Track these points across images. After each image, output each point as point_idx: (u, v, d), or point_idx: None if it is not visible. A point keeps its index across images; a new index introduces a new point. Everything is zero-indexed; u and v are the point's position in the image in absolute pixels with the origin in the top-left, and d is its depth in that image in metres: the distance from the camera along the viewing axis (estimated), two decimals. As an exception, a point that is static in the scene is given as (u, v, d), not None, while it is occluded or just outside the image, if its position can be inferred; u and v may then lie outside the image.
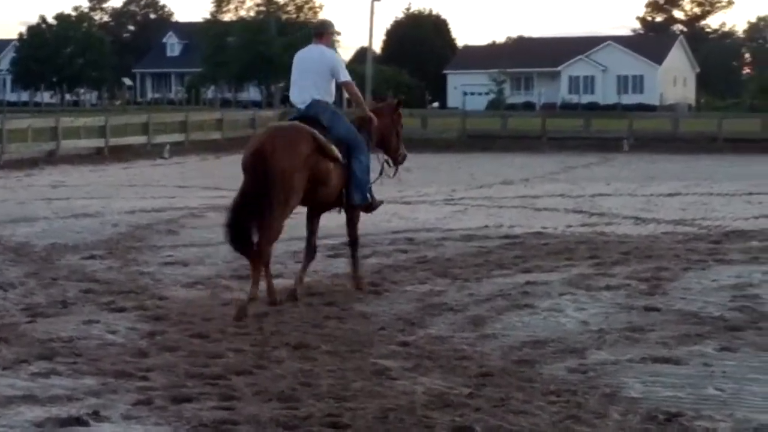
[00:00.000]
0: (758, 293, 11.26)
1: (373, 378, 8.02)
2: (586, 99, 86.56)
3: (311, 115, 11.18)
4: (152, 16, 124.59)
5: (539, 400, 7.45)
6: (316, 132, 10.91)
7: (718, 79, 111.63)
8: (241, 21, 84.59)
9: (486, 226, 16.86)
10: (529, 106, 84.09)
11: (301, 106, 11.40)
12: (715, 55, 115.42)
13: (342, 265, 13.00)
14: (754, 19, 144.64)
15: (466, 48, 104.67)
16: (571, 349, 8.91)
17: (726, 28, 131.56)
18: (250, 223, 10.66)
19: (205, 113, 49.58)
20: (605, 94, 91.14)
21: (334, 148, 11.03)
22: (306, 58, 11.52)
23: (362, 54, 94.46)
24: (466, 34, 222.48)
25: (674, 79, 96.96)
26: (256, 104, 74.32)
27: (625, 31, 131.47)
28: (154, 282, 12.20)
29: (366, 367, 8.35)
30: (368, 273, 12.31)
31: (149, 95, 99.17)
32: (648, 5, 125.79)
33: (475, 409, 7.21)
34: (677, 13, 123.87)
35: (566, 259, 13.57)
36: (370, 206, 11.83)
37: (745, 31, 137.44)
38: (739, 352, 8.79)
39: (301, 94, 11.43)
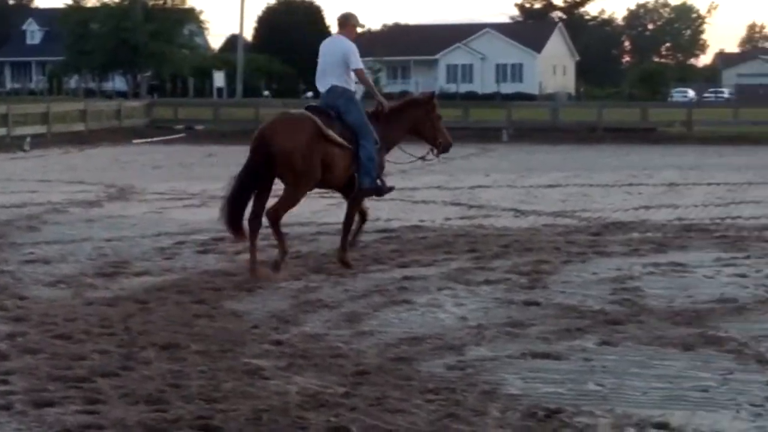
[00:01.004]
0: (639, 286, 11.20)
1: (245, 378, 7.77)
2: (464, 88, 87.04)
3: (328, 101, 12.24)
4: (11, 1, 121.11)
5: (417, 398, 7.28)
6: (318, 120, 11.84)
7: (597, 68, 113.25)
8: (105, 7, 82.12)
9: (362, 220, 16.61)
10: (405, 95, 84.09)
11: (322, 90, 12.41)
12: (595, 44, 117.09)
13: (212, 261, 12.77)
14: (633, 6, 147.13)
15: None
16: (449, 346, 8.72)
17: (605, 16, 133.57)
18: (245, 199, 11.80)
19: (67, 104, 48.31)
20: (484, 82, 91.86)
21: (333, 134, 11.87)
22: (326, 48, 12.55)
23: (233, 42, 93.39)
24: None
25: (554, 68, 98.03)
26: (122, 94, 72.85)
27: (504, 18, 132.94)
28: (15, 281, 11.70)
29: (238, 367, 8.09)
30: (241, 269, 12.01)
31: (8, 85, 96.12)
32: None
33: (350, 409, 7.02)
34: (556, 0, 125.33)
35: (444, 253, 13.40)
36: (380, 190, 12.53)
37: (624, 19, 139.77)
38: (620, 346, 8.68)
39: (321, 80, 12.45)
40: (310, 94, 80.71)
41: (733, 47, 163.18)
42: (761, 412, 7.01)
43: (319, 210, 17.50)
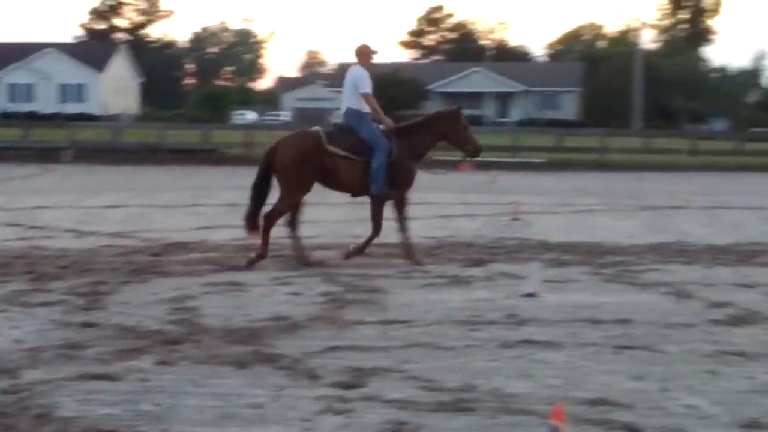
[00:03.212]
0: (196, 305, 11.34)
1: None
2: (26, 107, 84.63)
3: (345, 121, 14.63)
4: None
5: (-34, 426, 7.02)
6: (323, 136, 14.34)
7: (161, 90, 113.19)
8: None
9: None
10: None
11: (341, 113, 14.78)
12: (159, 66, 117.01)
13: None
14: (197, 30, 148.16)
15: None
16: (3, 369, 8.50)
17: (169, 38, 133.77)
18: (258, 202, 14.41)
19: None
20: (47, 102, 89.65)
21: (335, 148, 14.28)
22: (346, 77, 14.82)
23: None
24: None
25: (117, 89, 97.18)
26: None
27: (67, 38, 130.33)
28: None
29: None
30: None
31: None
32: (91, 12, 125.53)
33: None
34: (120, 22, 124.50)
35: (1, 275, 13.01)
36: (388, 197, 14.63)
37: (188, 42, 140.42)
38: (176, 366, 8.76)
39: (342, 104, 14.83)
40: None
41: (292, 72, 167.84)
42: (310, 426, 7.26)
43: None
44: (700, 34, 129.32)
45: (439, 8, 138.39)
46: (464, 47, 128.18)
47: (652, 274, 13.83)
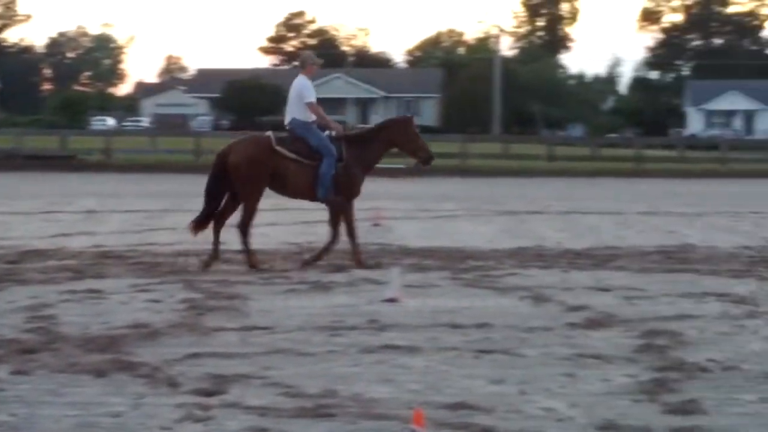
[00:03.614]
0: (54, 313, 11.15)
1: None
2: None
3: (290, 130, 14.85)
4: None
5: None
6: (272, 139, 14.73)
7: (19, 96, 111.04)
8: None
9: None
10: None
11: (286, 123, 14.98)
12: (16, 71, 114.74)
13: None
14: (54, 35, 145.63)
15: None
16: None
17: (26, 43, 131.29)
18: (211, 206, 14.89)
19: None
20: None
21: (284, 150, 14.61)
22: (291, 87, 14.99)
23: None
24: None
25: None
26: None
27: None
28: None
29: None
30: None
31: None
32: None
33: None
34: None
35: None
36: (332, 202, 15.01)
37: (45, 47, 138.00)
38: (33, 375, 8.60)
39: (287, 115, 15.00)
40: None
41: (152, 77, 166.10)
42: (170, 434, 7.24)
43: None
44: (557, 42, 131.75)
45: (300, 14, 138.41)
46: (325, 53, 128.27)
47: (511, 279, 14.04)
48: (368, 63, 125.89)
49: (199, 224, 14.99)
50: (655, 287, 13.42)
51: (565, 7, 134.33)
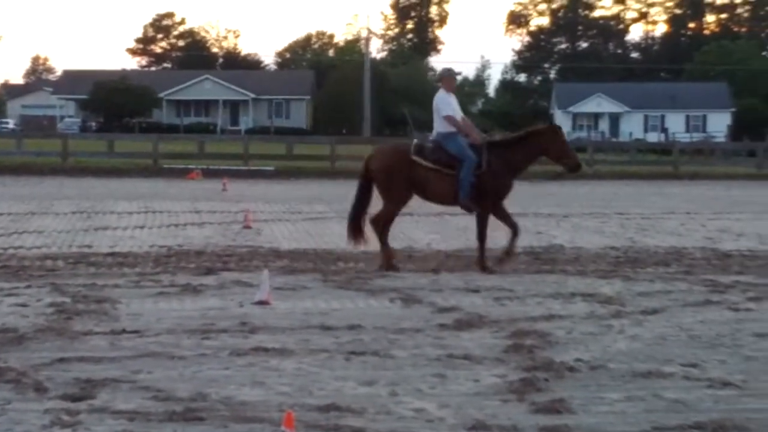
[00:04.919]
0: None
1: None
2: None
3: (434, 141, 15.55)
4: None
5: None
6: (414, 147, 15.47)
7: None
8: None
9: None
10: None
11: (432, 138, 15.74)
12: None
13: None
14: None
15: None
16: None
17: None
18: (359, 209, 15.64)
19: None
20: None
21: (421, 160, 15.27)
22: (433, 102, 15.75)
23: None
24: None
25: None
26: None
27: None
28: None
29: None
30: None
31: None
32: None
33: None
34: None
35: None
36: (468, 207, 15.53)
37: None
38: None
39: (434, 129, 15.67)
40: None
41: (18, 78, 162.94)
42: (37, 439, 7.12)
43: None
44: (426, 44, 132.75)
45: (169, 15, 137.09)
46: (195, 55, 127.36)
47: (381, 280, 14.09)
48: (238, 65, 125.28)
49: (355, 231, 15.59)
50: (524, 288, 13.61)
51: (434, 11, 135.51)
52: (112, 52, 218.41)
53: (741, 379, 8.86)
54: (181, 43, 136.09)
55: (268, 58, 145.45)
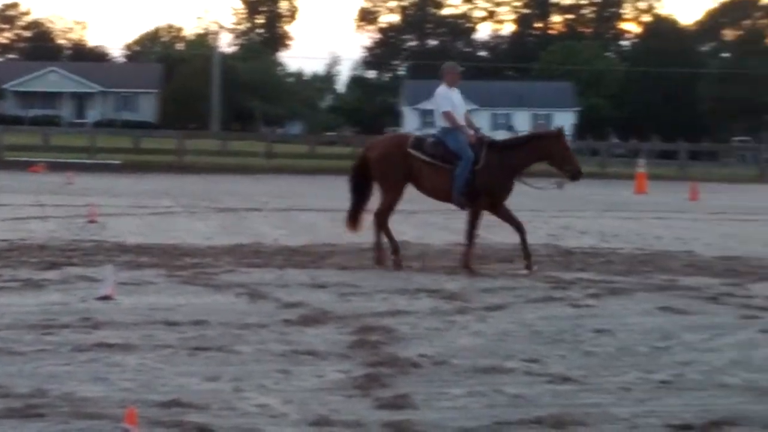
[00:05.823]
0: None
1: None
2: None
3: (437, 135, 15.59)
4: None
5: None
6: (412, 140, 15.75)
7: None
8: None
9: None
10: None
11: (434, 133, 15.82)
12: None
13: None
14: None
15: None
16: None
17: None
18: (359, 200, 15.87)
19: None
20: None
21: (417, 153, 15.36)
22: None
23: None
24: None
25: None
26: None
27: None
28: None
29: None
30: None
31: None
32: None
33: None
34: None
35: None
36: (461, 205, 15.53)
37: None
38: None
39: (437, 124, 15.74)
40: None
41: None
42: None
43: None
44: (276, 39, 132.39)
45: (14, 5, 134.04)
46: (40, 46, 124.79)
47: (227, 276, 14.03)
48: (85, 57, 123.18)
49: (353, 221, 15.84)
50: (370, 284, 13.69)
51: (284, 5, 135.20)
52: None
53: (580, 374, 9.04)
54: (27, 33, 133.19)
55: (117, 51, 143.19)
